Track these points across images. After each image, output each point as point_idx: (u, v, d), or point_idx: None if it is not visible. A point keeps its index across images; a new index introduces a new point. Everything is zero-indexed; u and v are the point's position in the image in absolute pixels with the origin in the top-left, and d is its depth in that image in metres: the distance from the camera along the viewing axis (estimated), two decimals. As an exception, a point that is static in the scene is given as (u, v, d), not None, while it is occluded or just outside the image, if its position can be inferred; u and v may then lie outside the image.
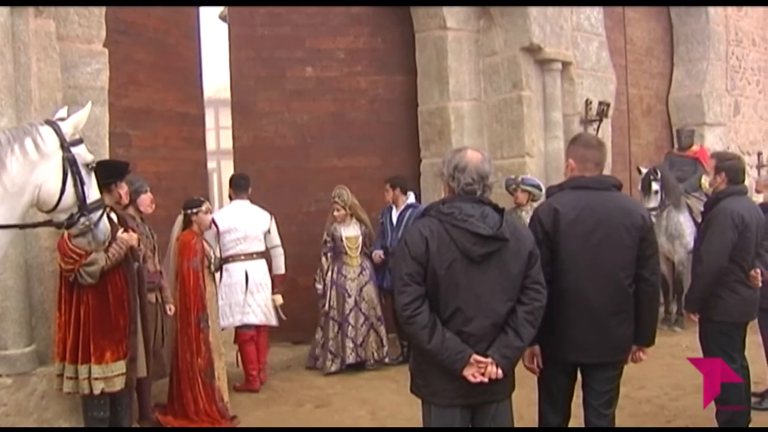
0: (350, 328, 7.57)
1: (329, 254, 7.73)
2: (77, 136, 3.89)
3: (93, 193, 3.90)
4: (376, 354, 7.68)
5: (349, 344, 7.55)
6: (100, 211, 3.94)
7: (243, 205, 7.33)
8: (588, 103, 8.99)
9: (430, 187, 8.63)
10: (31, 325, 5.36)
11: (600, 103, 9.05)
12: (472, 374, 3.41)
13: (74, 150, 3.82)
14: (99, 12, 6.03)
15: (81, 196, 3.81)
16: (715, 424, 5.35)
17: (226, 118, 41.93)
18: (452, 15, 8.46)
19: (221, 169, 39.67)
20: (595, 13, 9.30)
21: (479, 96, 8.71)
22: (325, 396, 6.88)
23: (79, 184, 3.80)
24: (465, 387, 3.45)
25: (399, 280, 3.46)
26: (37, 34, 5.41)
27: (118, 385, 5.05)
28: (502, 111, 8.54)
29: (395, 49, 8.90)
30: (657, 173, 9.08)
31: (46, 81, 5.45)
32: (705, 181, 5.62)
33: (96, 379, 4.97)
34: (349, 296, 7.61)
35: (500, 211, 3.54)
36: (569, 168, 4.15)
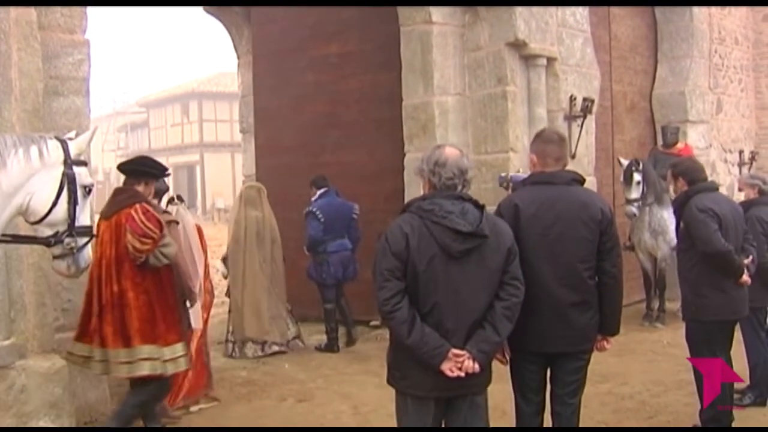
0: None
1: None
2: (82, 158, 3.96)
3: (84, 217, 3.96)
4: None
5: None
6: (87, 238, 3.99)
7: None
8: (572, 99, 9.00)
9: (413, 181, 8.61)
10: (10, 317, 5.29)
11: (584, 99, 9.06)
12: (449, 368, 3.47)
13: (76, 169, 3.88)
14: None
15: (71, 215, 3.86)
16: (696, 420, 5.38)
17: (208, 111, 41.91)
18: (438, 9, 8.42)
19: (204, 162, 39.65)
20: (581, 9, 9.30)
21: (464, 91, 8.69)
22: (307, 390, 6.87)
23: (72, 202, 3.85)
24: (442, 380, 3.51)
25: (380, 275, 3.51)
26: (18, 22, 5.34)
27: (184, 365, 5.16)
28: (487, 106, 8.52)
29: (380, 48, 9.02)
30: (639, 164, 9.13)
31: (26, 71, 5.39)
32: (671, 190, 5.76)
33: (166, 360, 5.01)
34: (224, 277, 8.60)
35: (480, 207, 3.60)
36: (531, 164, 4.29)
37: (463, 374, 3.47)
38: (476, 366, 3.48)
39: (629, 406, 6.24)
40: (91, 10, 6.17)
